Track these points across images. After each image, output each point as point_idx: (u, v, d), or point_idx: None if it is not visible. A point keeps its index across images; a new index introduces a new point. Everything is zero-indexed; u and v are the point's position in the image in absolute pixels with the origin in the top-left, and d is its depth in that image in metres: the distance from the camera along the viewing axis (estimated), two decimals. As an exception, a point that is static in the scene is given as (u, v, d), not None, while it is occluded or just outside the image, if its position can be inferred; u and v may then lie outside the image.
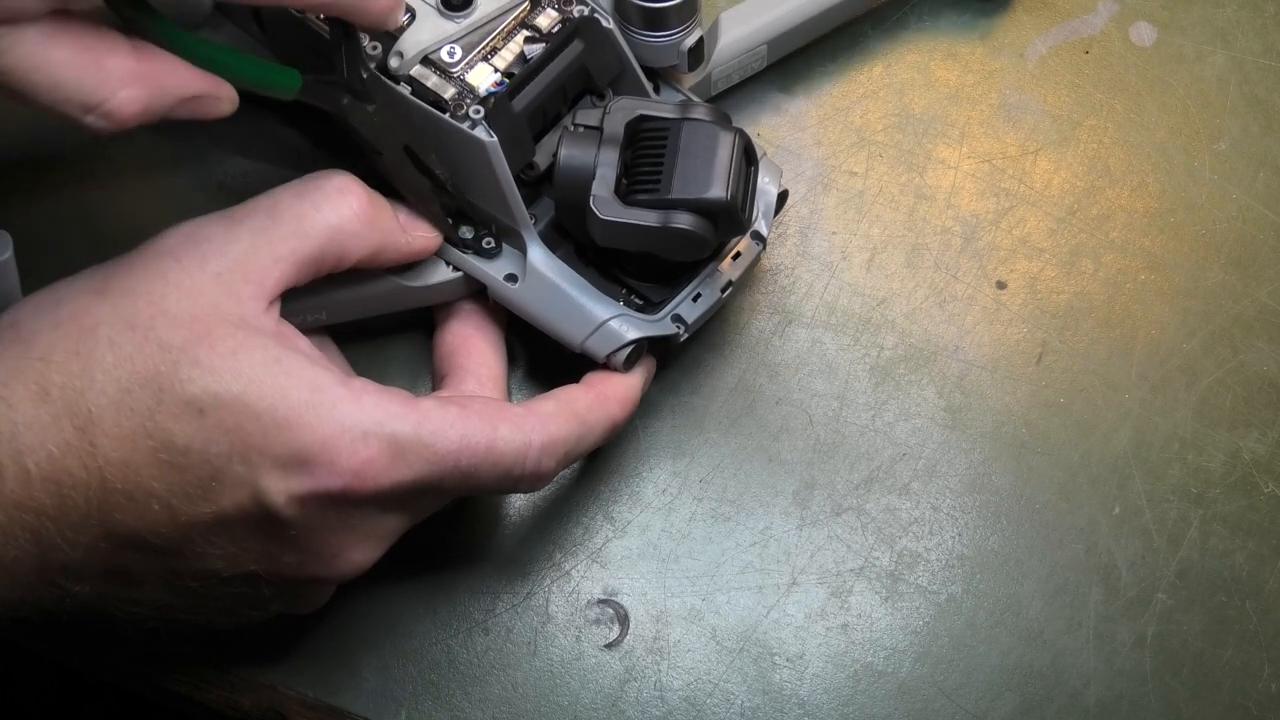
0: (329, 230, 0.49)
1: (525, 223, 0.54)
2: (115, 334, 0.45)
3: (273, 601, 0.50)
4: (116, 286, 0.47)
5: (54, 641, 0.57)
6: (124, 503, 0.45)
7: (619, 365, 0.54)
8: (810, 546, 0.57)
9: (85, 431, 0.44)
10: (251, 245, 0.48)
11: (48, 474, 0.44)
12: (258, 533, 0.47)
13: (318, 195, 0.49)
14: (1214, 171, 0.64)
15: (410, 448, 0.47)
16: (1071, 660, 0.56)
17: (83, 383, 0.45)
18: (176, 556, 0.47)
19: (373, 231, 0.50)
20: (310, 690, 0.56)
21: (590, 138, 0.52)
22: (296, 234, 0.49)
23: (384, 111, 0.52)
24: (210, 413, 0.45)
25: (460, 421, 0.48)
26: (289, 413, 0.46)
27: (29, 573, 0.45)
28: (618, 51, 0.55)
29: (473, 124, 0.52)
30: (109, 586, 0.47)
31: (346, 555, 0.49)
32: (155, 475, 0.45)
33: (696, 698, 0.55)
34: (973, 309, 0.61)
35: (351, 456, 0.46)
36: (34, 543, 0.45)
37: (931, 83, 0.65)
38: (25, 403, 0.44)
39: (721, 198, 0.50)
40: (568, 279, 0.54)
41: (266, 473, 0.45)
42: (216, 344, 0.46)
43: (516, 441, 0.49)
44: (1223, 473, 0.58)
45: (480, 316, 0.55)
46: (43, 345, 0.45)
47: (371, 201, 0.51)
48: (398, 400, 0.48)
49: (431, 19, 0.54)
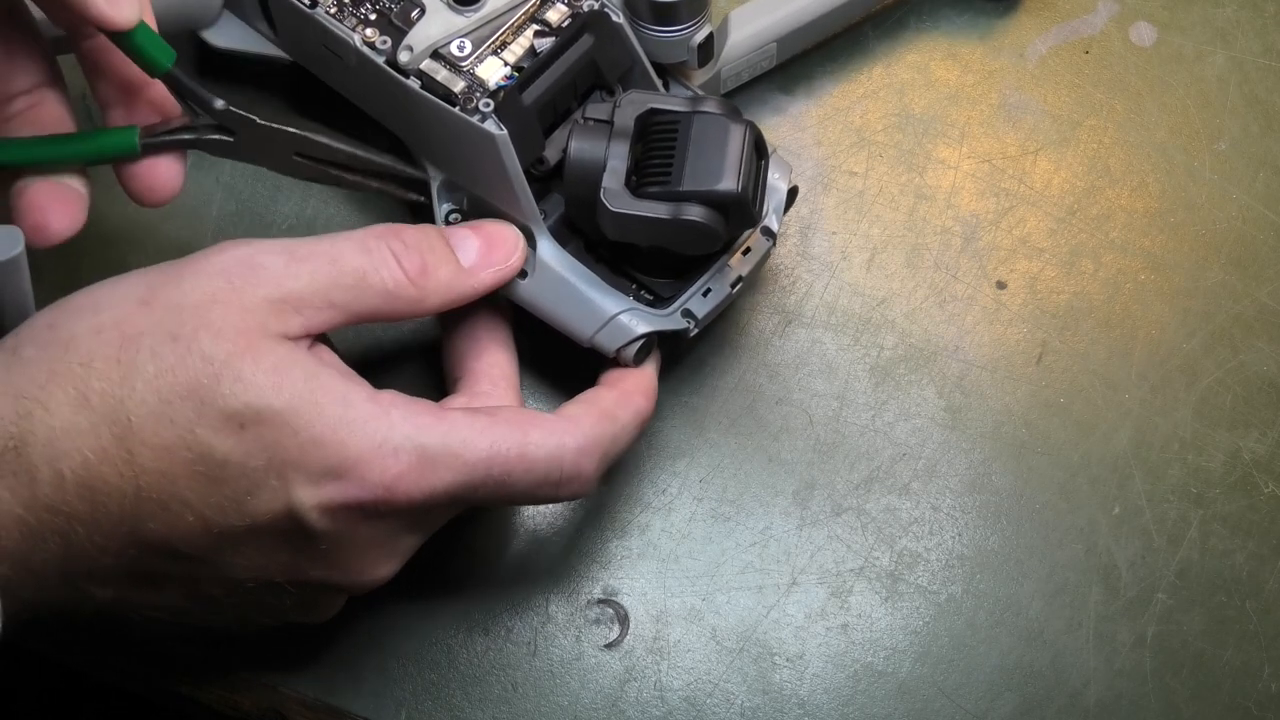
0: (385, 295, 0.49)
1: (535, 217, 0.54)
2: (158, 344, 0.45)
3: (289, 612, 0.51)
4: (162, 299, 0.46)
5: (55, 641, 0.57)
6: (158, 512, 0.45)
7: (629, 360, 0.54)
8: (810, 546, 0.57)
9: (124, 440, 0.44)
10: (309, 287, 0.48)
11: (82, 480, 0.44)
12: (288, 545, 0.47)
13: (377, 256, 0.49)
14: (1214, 171, 0.64)
15: (440, 458, 0.47)
16: (1071, 660, 0.56)
17: (123, 391, 0.45)
18: (204, 565, 0.47)
19: (429, 295, 0.50)
20: (310, 690, 0.56)
21: (600, 131, 0.52)
22: (353, 289, 0.48)
23: (251, 136, 0.52)
24: (250, 427, 0.45)
25: (489, 429, 0.48)
26: (324, 429, 0.46)
27: (54, 575, 0.45)
28: (627, 46, 0.55)
29: (482, 117, 0.52)
30: (131, 591, 0.47)
31: (373, 568, 0.49)
32: (191, 486, 0.45)
33: (696, 698, 0.55)
34: (973, 309, 0.61)
35: (383, 471, 0.46)
36: (63, 546, 0.45)
37: (931, 83, 0.65)
38: (64, 407, 0.44)
39: (732, 189, 0.50)
40: (577, 273, 0.54)
41: (301, 487, 0.46)
42: (260, 359, 0.46)
43: (549, 445, 0.49)
44: (1223, 473, 0.58)
45: (488, 317, 0.55)
46: (83, 350, 0.45)
47: (427, 264, 0.50)
48: (426, 411, 0.48)
49: (441, 13, 0.54)
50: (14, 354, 0.46)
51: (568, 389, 0.55)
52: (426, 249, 0.50)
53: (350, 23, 0.54)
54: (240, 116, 0.51)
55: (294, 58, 0.59)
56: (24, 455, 0.44)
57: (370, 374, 0.50)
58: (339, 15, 0.55)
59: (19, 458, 0.44)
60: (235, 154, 0.52)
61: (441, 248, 0.51)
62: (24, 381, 0.45)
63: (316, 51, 0.56)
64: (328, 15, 0.55)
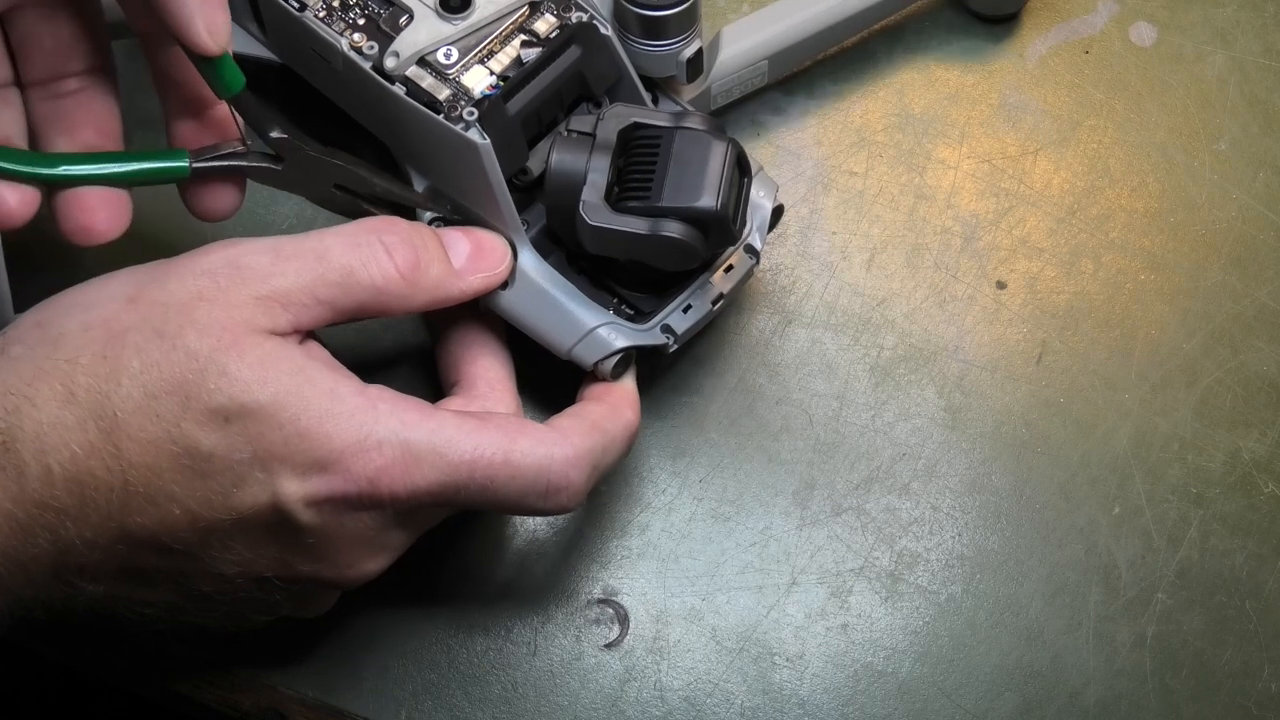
0: (373, 290, 0.49)
1: (517, 227, 0.54)
2: (144, 341, 0.45)
3: (282, 606, 0.51)
4: (149, 297, 0.47)
5: (55, 642, 0.57)
6: (145, 506, 0.45)
7: (606, 373, 0.54)
8: (810, 546, 0.57)
9: (110, 435, 0.45)
10: (295, 284, 0.48)
11: (70, 474, 0.44)
12: (275, 538, 0.47)
13: (367, 252, 0.49)
14: (1214, 171, 0.64)
15: (424, 455, 0.47)
16: (1071, 660, 0.56)
17: (109, 386, 0.45)
18: (193, 559, 0.47)
19: (418, 292, 0.50)
20: (310, 690, 0.56)
21: (583, 143, 0.52)
22: (341, 285, 0.48)
23: (297, 165, 0.52)
24: (235, 421, 0.45)
25: (475, 433, 0.48)
26: (310, 422, 0.46)
27: (44, 571, 0.46)
28: (615, 59, 0.55)
29: (466, 126, 0.52)
30: (122, 587, 0.48)
31: (361, 562, 0.49)
32: (177, 480, 0.45)
33: (696, 698, 0.55)
34: (973, 309, 0.61)
35: (367, 464, 0.46)
36: (52, 542, 0.45)
37: (931, 83, 0.65)
38: (50, 403, 0.45)
39: (711, 207, 0.50)
40: (558, 285, 0.54)
41: (286, 479, 0.46)
42: (244, 353, 0.46)
43: (537, 455, 0.49)
44: (1223, 473, 0.58)
45: (483, 322, 0.55)
46: (70, 347, 0.45)
47: (420, 260, 0.50)
48: (413, 408, 0.48)
49: (429, 20, 0.54)
50: (2, 352, 0.46)
51: (551, 399, 0.55)
52: (420, 245, 0.50)
53: (339, 27, 0.54)
54: (292, 145, 0.52)
55: (283, 60, 0.59)
56: (12, 450, 0.44)
57: (367, 374, 0.50)
58: (328, 19, 0.55)
59: (7, 453, 0.44)
60: (278, 182, 0.53)
61: (434, 245, 0.51)
62: (11, 378, 0.45)
63: (305, 54, 0.56)
64: (316, 19, 0.55)
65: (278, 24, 0.57)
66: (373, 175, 0.54)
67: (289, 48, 0.58)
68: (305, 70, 0.58)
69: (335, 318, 0.49)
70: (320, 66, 0.56)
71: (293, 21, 0.55)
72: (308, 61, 0.57)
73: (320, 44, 0.55)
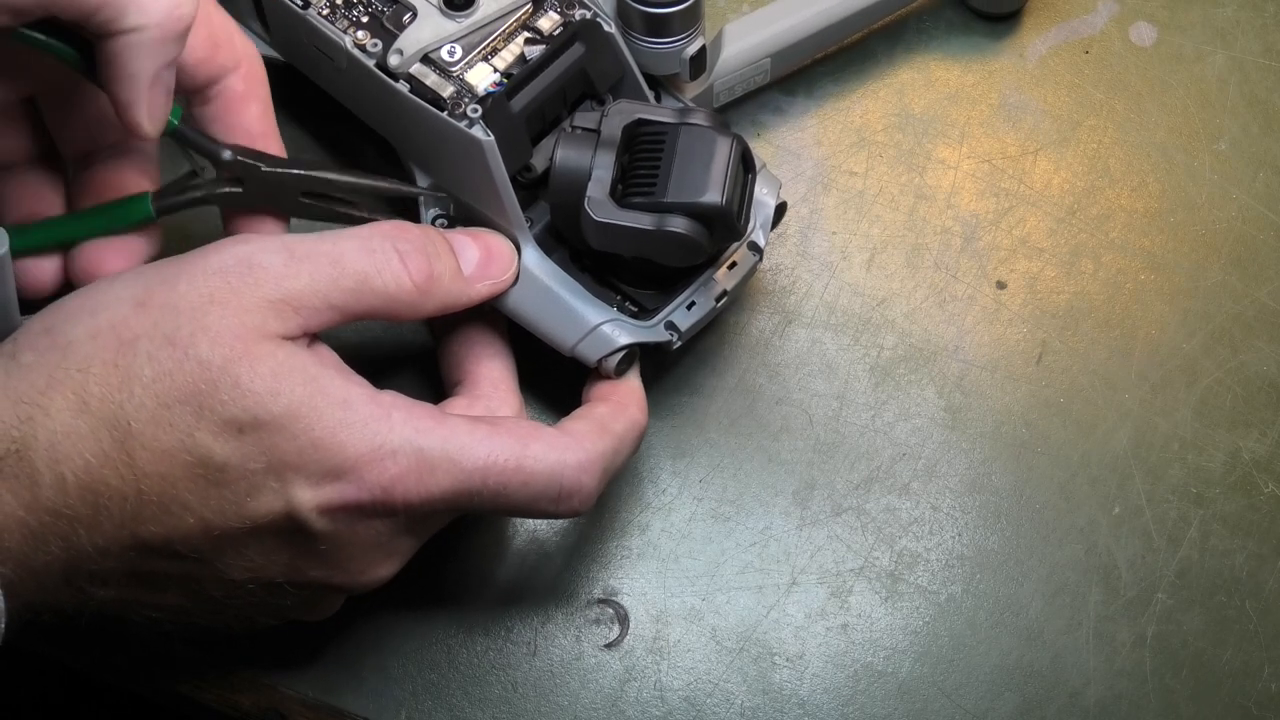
0: (385, 298, 0.49)
1: (520, 225, 0.54)
2: (154, 349, 0.45)
3: (292, 610, 0.51)
4: (159, 300, 0.46)
5: (56, 641, 0.57)
6: (158, 514, 0.45)
7: (610, 371, 0.54)
8: (810, 546, 0.58)
9: (123, 444, 0.45)
10: (309, 287, 0.47)
11: (84, 483, 0.44)
12: (287, 545, 0.47)
13: (381, 258, 0.49)
14: (1214, 171, 0.64)
15: (438, 463, 0.47)
16: (1071, 660, 0.56)
17: (122, 395, 0.45)
18: (205, 566, 0.47)
19: (429, 300, 0.50)
20: (310, 690, 0.56)
21: (587, 140, 0.52)
22: (354, 292, 0.48)
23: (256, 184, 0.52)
24: (249, 432, 0.45)
25: (488, 439, 0.48)
26: (324, 432, 0.46)
27: (56, 577, 0.46)
28: (618, 56, 0.55)
29: (470, 123, 0.52)
30: (132, 593, 0.48)
31: (372, 568, 0.49)
32: (191, 489, 0.45)
33: (696, 698, 0.55)
34: (973, 309, 0.61)
35: (381, 473, 0.46)
36: (65, 549, 0.45)
37: (931, 83, 0.65)
38: (64, 412, 0.45)
39: (716, 202, 0.50)
40: (561, 282, 0.54)
41: (300, 488, 0.46)
42: (257, 364, 0.46)
43: (550, 460, 0.49)
44: (1223, 473, 0.58)
45: (485, 321, 0.55)
46: (80, 355, 0.45)
47: (434, 271, 0.50)
48: (427, 415, 0.48)
49: (433, 18, 0.54)
50: (12, 359, 0.46)
51: (554, 398, 0.55)
52: (433, 253, 0.50)
53: (342, 25, 0.55)
54: (247, 165, 0.51)
55: (286, 58, 0.59)
56: (26, 459, 0.44)
57: (370, 375, 0.50)
58: (331, 17, 0.55)
59: (21, 461, 0.44)
60: (244, 203, 0.53)
61: (446, 253, 0.51)
62: (24, 386, 0.45)
63: (308, 53, 0.56)
64: (320, 17, 0.55)
65: (281, 23, 0.57)
66: (338, 174, 0.53)
67: (292, 47, 0.58)
68: (309, 69, 0.58)
69: (343, 321, 0.49)
70: (324, 65, 0.56)
71: (297, 20, 0.55)
72: (311, 60, 0.57)
73: (324, 42, 0.55)
